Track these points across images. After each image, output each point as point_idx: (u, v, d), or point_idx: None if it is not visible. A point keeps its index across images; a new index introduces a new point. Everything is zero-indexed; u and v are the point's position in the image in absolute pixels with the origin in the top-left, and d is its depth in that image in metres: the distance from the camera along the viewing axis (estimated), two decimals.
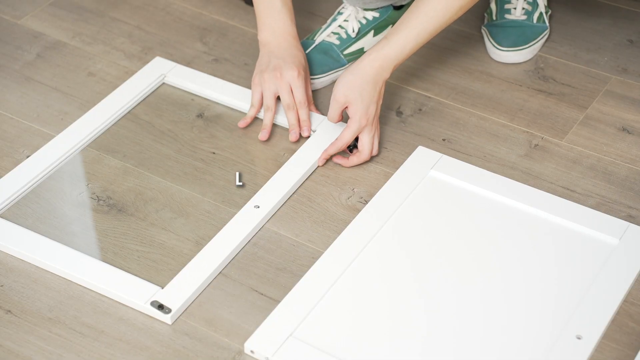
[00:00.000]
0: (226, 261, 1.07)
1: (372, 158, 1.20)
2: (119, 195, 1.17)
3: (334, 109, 1.17)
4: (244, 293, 1.06)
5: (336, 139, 1.17)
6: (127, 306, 1.04)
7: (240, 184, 1.11)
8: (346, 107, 1.16)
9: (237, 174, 1.13)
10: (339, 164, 1.19)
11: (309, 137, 1.21)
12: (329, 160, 1.20)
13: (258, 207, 1.12)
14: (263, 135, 1.22)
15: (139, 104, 1.29)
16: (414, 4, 1.16)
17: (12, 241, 1.09)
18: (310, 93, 1.24)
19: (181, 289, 1.03)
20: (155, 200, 1.16)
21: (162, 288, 1.03)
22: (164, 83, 1.32)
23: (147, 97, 1.30)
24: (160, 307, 1.01)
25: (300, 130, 1.22)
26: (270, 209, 1.12)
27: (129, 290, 1.03)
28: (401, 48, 1.15)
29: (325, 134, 1.21)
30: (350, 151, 1.19)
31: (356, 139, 1.18)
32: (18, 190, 1.16)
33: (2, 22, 1.46)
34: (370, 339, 0.99)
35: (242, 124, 1.24)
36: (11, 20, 1.46)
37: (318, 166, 1.19)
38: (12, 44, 1.42)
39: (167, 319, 1.01)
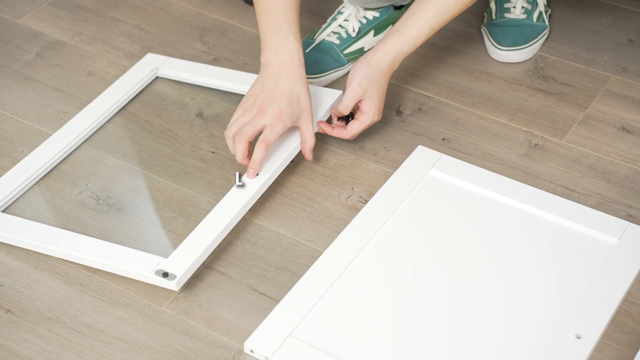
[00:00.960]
0: (228, 228, 1.07)
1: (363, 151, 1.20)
2: (118, 194, 1.17)
3: (351, 100, 1.15)
4: (244, 292, 1.06)
5: (344, 129, 1.18)
6: (126, 305, 1.04)
7: (241, 184, 1.11)
8: (361, 99, 1.16)
9: (237, 174, 1.12)
10: (322, 129, 1.18)
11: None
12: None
13: (257, 174, 1.12)
14: (249, 174, 1.12)
15: (135, 100, 1.29)
16: None
17: (14, 231, 1.09)
18: (306, 134, 1.14)
19: (185, 256, 1.03)
20: (154, 200, 1.16)
21: (166, 258, 1.04)
22: (157, 77, 1.32)
23: (142, 91, 1.30)
24: (165, 275, 1.01)
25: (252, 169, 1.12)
26: (270, 175, 1.12)
27: (133, 263, 1.03)
28: (414, 41, 1.15)
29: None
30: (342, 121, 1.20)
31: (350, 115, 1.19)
32: (16, 189, 1.16)
33: (1, 21, 1.46)
34: (369, 338, 0.99)
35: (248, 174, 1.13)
36: (11, 20, 1.46)
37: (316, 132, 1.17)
38: (11, 44, 1.42)
39: (172, 285, 1.01)
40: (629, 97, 1.29)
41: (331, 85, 1.33)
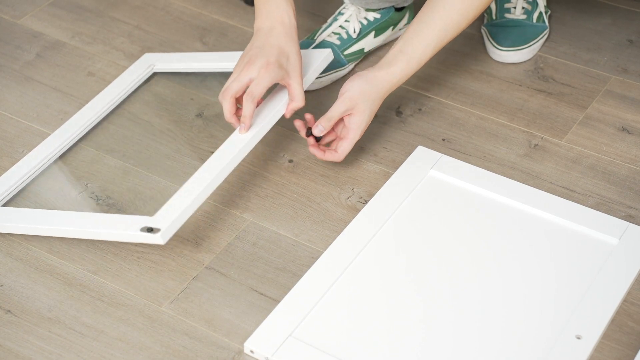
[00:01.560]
0: (213, 184, 1.05)
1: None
2: (118, 194, 1.17)
3: (340, 111, 1.11)
4: (244, 293, 1.06)
5: (335, 152, 1.13)
6: (126, 305, 1.04)
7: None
8: (349, 114, 1.12)
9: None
10: (314, 154, 1.15)
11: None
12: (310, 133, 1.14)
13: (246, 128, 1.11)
14: (240, 130, 1.11)
15: (135, 100, 1.29)
16: (427, 13, 1.12)
17: (4, 219, 1.09)
18: (295, 93, 1.12)
19: (170, 212, 1.03)
20: (154, 200, 1.16)
21: (152, 216, 1.03)
22: (155, 72, 1.32)
23: (142, 90, 1.30)
24: (150, 230, 1.01)
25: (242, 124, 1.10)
26: (257, 131, 1.10)
27: (119, 225, 1.03)
28: (418, 63, 1.12)
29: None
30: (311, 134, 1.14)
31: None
32: (14, 188, 1.16)
33: (1, 21, 1.46)
34: (369, 338, 0.99)
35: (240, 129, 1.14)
36: (11, 20, 1.46)
37: (309, 135, 1.14)
38: (11, 44, 1.42)
39: (158, 239, 1.00)
40: (629, 97, 1.29)
41: (331, 85, 1.33)
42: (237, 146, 1.09)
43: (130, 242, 1.04)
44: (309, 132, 1.15)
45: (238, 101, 1.13)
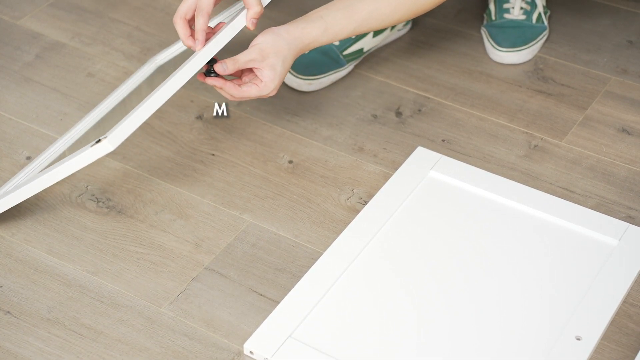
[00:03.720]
0: (162, 96, 1.03)
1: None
2: (118, 197, 1.17)
3: (247, 58, 1.06)
4: (243, 294, 1.05)
5: (240, 87, 1.08)
6: (125, 306, 1.04)
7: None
8: (255, 67, 1.07)
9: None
10: (213, 84, 1.09)
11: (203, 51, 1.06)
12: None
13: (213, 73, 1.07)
14: (196, 47, 1.06)
15: (134, 98, 1.29)
16: None
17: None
18: (249, 0, 1.07)
19: (118, 125, 1.02)
20: (154, 202, 1.16)
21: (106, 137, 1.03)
22: (158, 67, 1.32)
23: (142, 88, 1.29)
24: (98, 141, 1.01)
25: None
26: (214, 42, 1.06)
27: (77, 152, 1.04)
28: (334, 36, 1.10)
29: None
30: (210, 73, 1.09)
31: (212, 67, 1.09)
32: (12, 185, 1.16)
33: (1, 22, 1.46)
34: (369, 339, 0.99)
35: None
36: (10, 21, 1.46)
37: (203, 72, 1.09)
38: (11, 45, 1.42)
39: (106, 146, 1.00)
40: (629, 98, 1.29)
41: (331, 87, 1.33)
42: (191, 59, 1.06)
43: (88, 163, 1.02)
44: (209, 72, 1.09)
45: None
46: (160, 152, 1.23)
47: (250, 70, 1.10)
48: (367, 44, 1.35)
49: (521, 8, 1.36)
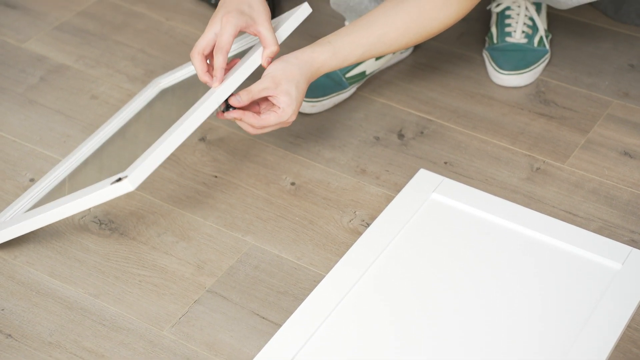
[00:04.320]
0: (181, 134, 1.03)
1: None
2: (120, 219, 1.17)
3: (260, 87, 1.07)
4: (245, 317, 1.05)
5: (261, 117, 1.08)
6: (127, 329, 1.04)
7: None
8: (270, 96, 1.08)
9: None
10: (234, 118, 1.10)
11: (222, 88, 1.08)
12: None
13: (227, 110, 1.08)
14: (213, 84, 1.08)
15: (137, 123, 1.29)
16: (369, 16, 1.11)
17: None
18: (266, 39, 1.08)
19: (137, 162, 1.01)
20: (156, 224, 1.16)
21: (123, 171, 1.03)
22: (161, 90, 1.32)
23: (152, 115, 1.30)
24: (119, 180, 1.00)
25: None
26: (230, 80, 1.07)
27: (93, 188, 1.03)
28: (342, 61, 1.11)
29: None
30: (223, 112, 1.10)
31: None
32: (19, 210, 1.16)
33: (6, 45, 1.47)
34: None
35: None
36: (15, 44, 1.47)
37: (221, 110, 1.09)
38: (15, 67, 1.43)
39: (127, 185, 0.99)
40: (631, 121, 1.29)
41: (333, 109, 1.33)
42: (207, 96, 1.06)
43: (105, 201, 1.02)
44: (227, 108, 1.10)
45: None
46: (163, 174, 1.23)
47: (266, 100, 1.11)
48: (370, 66, 1.35)
49: (523, 32, 1.37)
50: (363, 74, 1.35)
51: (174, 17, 1.51)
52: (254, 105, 1.12)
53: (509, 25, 1.38)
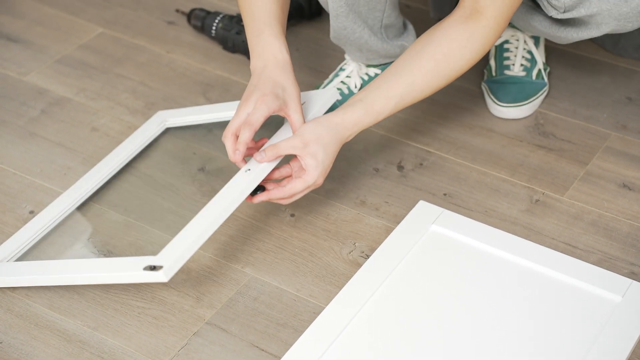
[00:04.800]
0: (217, 221, 1.04)
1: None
2: (119, 249, 1.17)
3: (288, 146, 1.08)
4: (245, 349, 1.05)
5: (284, 187, 1.09)
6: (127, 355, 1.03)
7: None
8: (297, 156, 1.09)
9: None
10: (260, 200, 1.11)
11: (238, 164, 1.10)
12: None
13: (249, 169, 1.09)
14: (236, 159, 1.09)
15: (139, 154, 1.30)
16: (394, 67, 1.13)
17: (8, 273, 1.09)
18: (296, 124, 1.10)
19: (173, 249, 1.01)
20: (155, 255, 1.16)
21: (155, 256, 1.02)
22: (167, 128, 1.33)
23: (153, 146, 1.31)
24: (153, 268, 0.99)
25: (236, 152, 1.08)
26: (259, 171, 1.08)
27: (122, 267, 1.02)
28: (377, 115, 1.11)
29: None
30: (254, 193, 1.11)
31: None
32: (23, 245, 1.16)
33: (8, 79, 1.48)
34: None
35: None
36: (17, 77, 1.48)
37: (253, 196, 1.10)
38: (17, 100, 1.44)
39: (161, 276, 0.98)
40: (629, 154, 1.30)
41: None
42: (242, 183, 1.08)
43: (135, 282, 1.02)
44: (254, 191, 1.10)
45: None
46: (162, 204, 1.23)
47: (297, 158, 1.11)
48: None
49: (521, 64, 1.38)
50: None
51: (175, 50, 1.52)
52: (284, 164, 1.13)
53: (508, 58, 1.39)
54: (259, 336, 1.06)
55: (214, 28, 1.50)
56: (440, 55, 1.11)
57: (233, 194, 1.07)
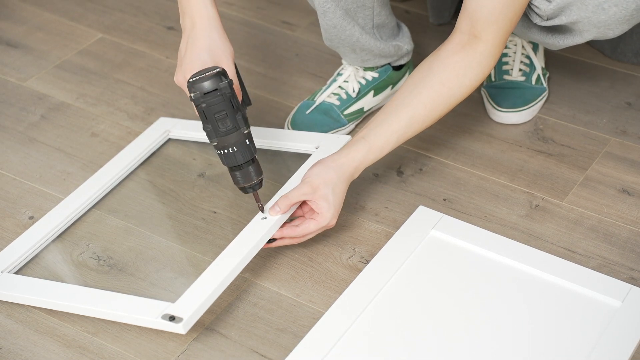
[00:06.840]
0: (235, 271, 1.05)
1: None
2: (119, 255, 1.17)
3: (298, 194, 1.10)
4: (245, 354, 1.04)
5: (298, 227, 1.11)
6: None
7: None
8: (309, 200, 1.10)
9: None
10: (278, 245, 1.13)
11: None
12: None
13: (265, 217, 1.11)
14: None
15: (143, 163, 1.30)
16: (394, 101, 1.14)
17: (21, 290, 1.09)
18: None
19: (192, 299, 1.02)
20: (155, 260, 1.16)
21: (173, 302, 1.03)
22: (169, 139, 1.33)
23: (153, 153, 1.31)
24: (172, 318, 1.00)
25: None
26: (277, 219, 1.10)
27: (139, 309, 1.03)
28: (380, 151, 1.13)
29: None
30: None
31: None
32: (26, 252, 1.15)
33: (7, 84, 1.48)
34: None
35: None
36: (16, 83, 1.48)
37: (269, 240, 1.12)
38: (16, 106, 1.44)
39: (179, 329, 0.99)
40: (629, 159, 1.30)
41: None
42: (260, 231, 1.10)
43: (150, 327, 1.03)
44: (271, 240, 1.12)
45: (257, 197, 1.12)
46: (162, 210, 1.23)
47: (305, 203, 1.12)
48: (368, 103, 1.36)
49: (520, 70, 1.38)
50: (361, 110, 1.36)
51: (174, 55, 1.52)
52: (297, 209, 1.13)
53: (507, 63, 1.39)
54: (258, 341, 1.06)
55: None
56: (440, 86, 1.12)
57: (251, 243, 1.08)
